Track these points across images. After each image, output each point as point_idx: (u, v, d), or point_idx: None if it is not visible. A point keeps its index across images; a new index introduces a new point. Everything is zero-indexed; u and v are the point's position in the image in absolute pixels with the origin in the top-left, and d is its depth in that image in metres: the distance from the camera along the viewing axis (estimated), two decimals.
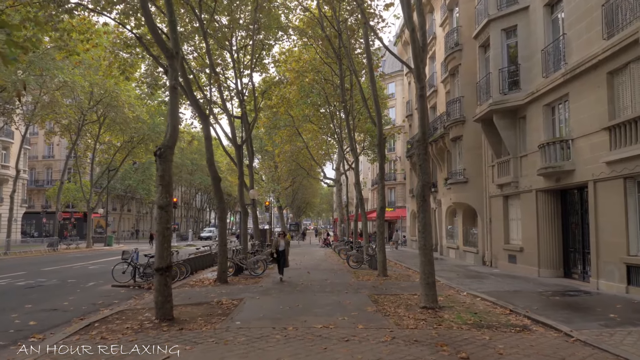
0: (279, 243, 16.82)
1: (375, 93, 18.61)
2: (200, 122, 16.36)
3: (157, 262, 9.86)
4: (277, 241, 17.03)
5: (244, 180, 22.56)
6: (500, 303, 11.49)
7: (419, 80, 11.09)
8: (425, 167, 11.16)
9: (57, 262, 26.62)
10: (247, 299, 12.14)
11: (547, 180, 16.47)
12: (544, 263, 16.91)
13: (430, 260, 11.01)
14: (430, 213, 10.65)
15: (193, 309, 11.15)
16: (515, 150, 18.86)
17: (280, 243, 16.84)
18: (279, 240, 17.10)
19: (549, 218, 16.98)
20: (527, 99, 17.63)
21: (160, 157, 9.96)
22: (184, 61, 15.82)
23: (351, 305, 11.20)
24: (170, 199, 9.98)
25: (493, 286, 14.76)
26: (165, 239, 9.90)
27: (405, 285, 15.05)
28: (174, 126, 10.12)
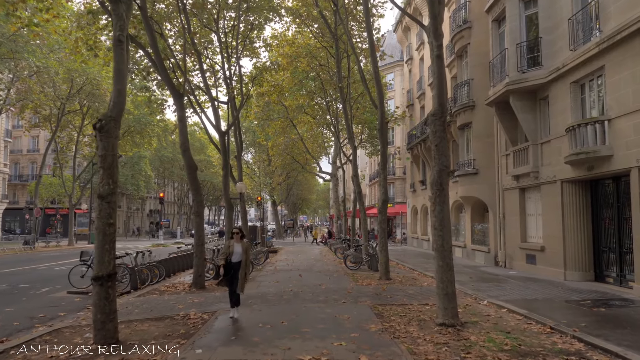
0: (231, 250, 9.46)
1: (377, 70, 16.28)
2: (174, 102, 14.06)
3: (96, 269, 7.54)
4: (227, 247, 9.61)
5: (229, 170, 20.23)
6: (534, 317, 9.22)
7: (436, 37, 8.79)
8: (442, 148, 8.87)
9: (26, 262, 24.22)
10: (221, 312, 9.82)
11: (575, 169, 14.21)
12: (572, 264, 14.66)
13: (449, 265, 8.73)
14: (449, 205, 8.34)
15: (151, 326, 8.85)
16: (535, 136, 16.58)
17: (234, 250, 9.44)
18: (231, 245, 9.58)
19: (576, 213, 14.72)
20: (551, 77, 15.35)
21: (100, 132, 7.63)
22: (150, 19, 13.42)
23: (350, 321, 8.90)
24: (114, 187, 7.65)
25: (516, 293, 12.50)
26: (106, 238, 7.58)
27: (413, 292, 12.78)
28: (119, 91, 7.78)
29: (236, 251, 9.39)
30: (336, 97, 29.24)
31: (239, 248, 9.44)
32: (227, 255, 9.39)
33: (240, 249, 9.43)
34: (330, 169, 43.63)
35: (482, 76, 20.49)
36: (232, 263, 9.34)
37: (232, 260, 9.35)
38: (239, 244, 9.48)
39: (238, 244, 9.48)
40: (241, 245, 9.49)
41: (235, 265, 9.35)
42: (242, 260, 9.37)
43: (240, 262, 9.34)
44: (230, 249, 9.43)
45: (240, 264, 9.34)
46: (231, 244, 9.52)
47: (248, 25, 22.28)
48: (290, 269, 18.92)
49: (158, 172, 74.23)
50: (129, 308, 10.78)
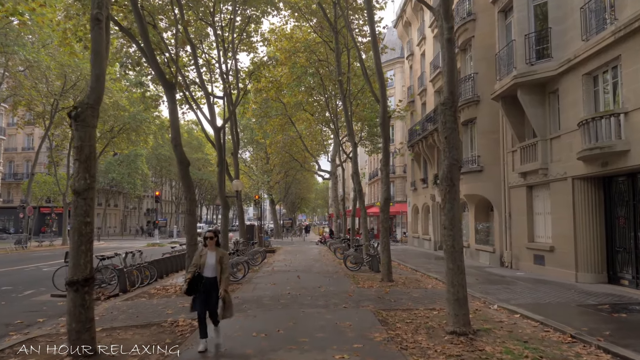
0: (203, 261, 7.23)
1: (379, 61, 15.56)
2: (165, 94, 13.31)
3: (71, 272, 6.79)
4: (199, 256, 7.34)
5: (225, 167, 19.50)
6: (552, 324, 8.50)
7: (446, 19, 8.05)
8: (453, 140, 8.15)
9: (14, 262, 23.45)
10: None
11: (588, 166, 13.48)
12: (583, 266, 13.94)
13: (460, 268, 7.99)
14: (459, 203, 7.59)
15: (135, 334, 8.11)
16: (544, 132, 15.85)
17: (206, 260, 7.22)
18: (203, 253, 7.33)
19: (589, 211, 14.00)
20: (561, 69, 14.62)
21: (76, 120, 6.88)
22: (141, 8, 12.63)
23: (352, 329, 8.16)
24: (91, 182, 6.90)
25: (528, 296, 11.78)
26: (82, 239, 6.83)
27: (417, 295, 12.04)
28: (97, 76, 7.03)
29: (209, 262, 7.17)
30: (336, 94, 28.52)
31: (212, 258, 7.20)
32: (197, 266, 7.16)
33: (213, 259, 7.18)
34: (330, 167, 42.89)
35: (487, 70, 19.76)
36: (204, 278, 7.09)
37: (205, 274, 7.11)
38: (212, 252, 7.25)
39: (211, 252, 7.25)
40: (215, 254, 7.21)
41: (208, 281, 7.08)
42: (215, 275, 7.14)
43: (215, 278, 7.15)
44: (201, 259, 7.20)
45: (215, 280, 7.13)
46: (203, 252, 7.27)
47: (245, 18, 21.55)
48: (288, 270, 18.19)
49: (155, 170, 73.42)
50: (114, 313, 10.04)
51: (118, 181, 60.82)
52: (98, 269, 13.33)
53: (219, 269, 7.14)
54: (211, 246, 7.32)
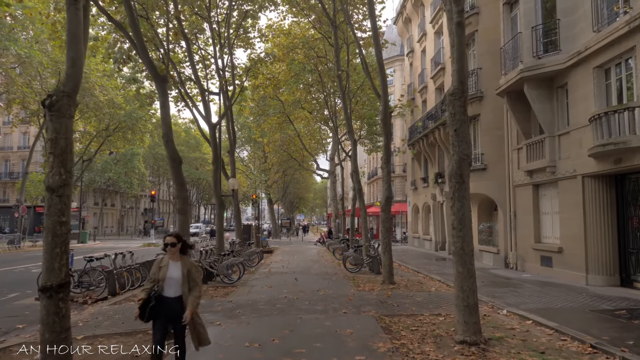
0: (163, 275, 5.40)
1: (380, 55, 14.94)
2: (156, 87, 12.71)
3: (44, 277, 6.14)
4: (157, 268, 5.51)
5: (221, 165, 18.88)
6: (568, 332, 7.88)
7: (456, 1, 7.42)
8: (463, 133, 7.53)
9: (5, 262, 22.81)
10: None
11: (600, 163, 12.87)
12: (594, 267, 13.33)
13: (470, 272, 7.39)
14: (469, 201, 6.96)
15: (119, 342, 7.48)
16: (552, 128, 15.24)
17: (167, 273, 5.39)
18: (163, 264, 5.50)
19: (600, 210, 13.39)
20: (571, 62, 14.01)
21: (50, 110, 6.23)
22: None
23: (353, 337, 7.54)
24: (67, 177, 6.25)
25: (537, 300, 11.16)
26: (57, 240, 6.18)
27: (421, 299, 11.41)
28: (73, 60, 6.39)
29: (171, 276, 5.30)
30: (334, 91, 27.91)
31: (176, 271, 5.32)
32: (155, 282, 5.37)
33: (178, 273, 5.31)
34: (328, 166, 42.25)
35: (491, 65, 19.16)
36: (164, 298, 5.27)
37: (166, 292, 5.30)
38: (176, 262, 5.38)
39: (175, 262, 5.38)
40: (180, 266, 5.36)
41: (170, 303, 5.26)
42: (182, 293, 5.28)
43: (181, 298, 5.27)
44: (161, 273, 5.34)
45: (180, 301, 5.26)
46: (164, 264, 5.42)
47: (242, 13, 20.92)
48: (286, 272, 17.56)
49: (152, 170, 72.67)
50: (99, 319, 9.40)
51: (115, 180, 60.12)
52: (86, 271, 12.72)
53: (186, 286, 5.31)
54: (174, 255, 5.41)
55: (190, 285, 5.35)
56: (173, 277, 5.34)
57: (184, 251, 5.55)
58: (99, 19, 17.34)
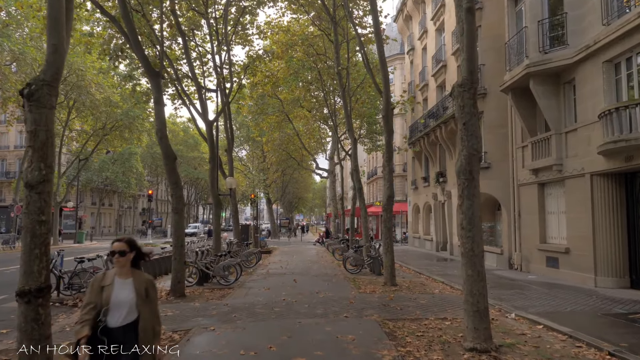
0: (107, 297, 3.73)
1: (382, 49, 14.49)
2: (149, 82, 12.25)
3: (22, 281, 5.68)
4: (98, 287, 3.79)
5: (218, 163, 18.42)
6: (583, 338, 7.43)
7: None
8: (472, 127, 7.08)
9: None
10: (195, 332, 7.95)
11: (609, 160, 12.43)
12: (603, 269, 12.88)
13: (481, 275, 6.93)
14: (479, 199, 6.50)
15: None
16: (558, 125, 14.79)
17: (112, 295, 3.74)
18: (106, 281, 3.82)
19: (609, 210, 12.94)
20: (579, 56, 13.57)
21: (29, 100, 5.77)
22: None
23: (356, 344, 7.08)
24: (47, 173, 5.79)
25: (546, 303, 10.72)
26: (36, 240, 5.71)
27: (425, 302, 10.95)
28: (54, 47, 5.92)
29: (117, 299, 3.75)
30: (334, 89, 27.44)
31: (127, 291, 3.80)
32: (96, 308, 3.73)
33: (131, 294, 3.79)
34: (328, 165, 41.78)
35: (495, 61, 18.76)
36: (110, 330, 3.70)
37: (111, 321, 3.72)
38: (126, 280, 3.84)
39: (125, 280, 3.84)
40: (133, 284, 3.83)
41: (117, 336, 3.72)
42: (137, 317, 3.78)
43: (132, 325, 3.76)
44: (104, 294, 3.76)
45: (131, 329, 3.76)
46: (107, 282, 3.82)
47: (240, 10, 20.46)
48: (284, 273, 17.10)
49: (151, 169, 72.14)
50: None
51: (112, 180, 59.57)
52: (76, 272, 12.24)
53: (146, 309, 3.79)
54: (123, 269, 3.83)
55: (149, 308, 3.82)
56: (123, 301, 3.73)
57: (137, 264, 3.95)
58: (95, 14, 16.90)
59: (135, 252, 3.93)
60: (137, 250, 3.96)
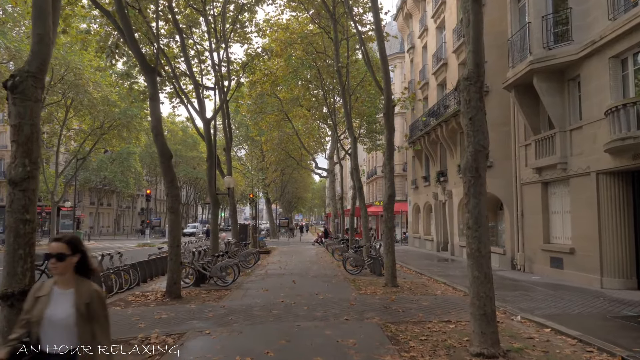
0: (41, 312, 2.86)
1: (383, 45, 14.19)
2: (145, 79, 11.95)
3: (5, 283, 5.39)
4: (33, 299, 2.94)
5: (215, 162, 18.10)
6: (593, 342, 7.14)
7: None
8: (478, 122, 6.80)
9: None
10: (190, 336, 7.64)
11: (616, 158, 12.14)
12: (610, 270, 12.59)
13: (487, 276, 6.63)
14: (486, 197, 6.18)
15: None
16: (562, 122, 14.50)
17: (46, 311, 2.86)
18: (42, 294, 2.93)
19: (616, 209, 12.65)
20: (584, 52, 13.28)
21: (13, 92, 5.48)
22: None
23: (357, 349, 6.77)
24: (32, 169, 5.50)
25: (552, 305, 10.42)
26: (20, 240, 5.43)
27: (427, 304, 10.66)
28: (39, 37, 5.64)
29: (51, 315, 2.87)
30: (333, 88, 27.13)
31: (65, 305, 2.89)
32: (27, 326, 2.92)
33: (68, 309, 2.88)
34: (327, 164, 41.49)
35: (497, 59, 18.43)
36: (46, 356, 2.85)
37: (45, 344, 2.86)
38: (66, 290, 2.94)
39: (65, 291, 2.94)
40: (74, 297, 2.92)
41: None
42: (77, 344, 2.86)
43: (73, 356, 2.86)
44: (37, 308, 2.91)
45: (70, 358, 2.86)
46: (43, 293, 2.96)
47: (238, 7, 20.15)
48: (283, 273, 16.80)
49: (149, 169, 71.78)
50: None
51: (110, 179, 59.25)
52: None
53: (87, 332, 2.90)
54: (62, 277, 2.98)
55: (94, 331, 2.92)
56: (58, 318, 2.88)
57: (84, 271, 3.04)
58: (92, 11, 16.60)
59: (80, 256, 2.99)
60: (81, 253, 3.01)
